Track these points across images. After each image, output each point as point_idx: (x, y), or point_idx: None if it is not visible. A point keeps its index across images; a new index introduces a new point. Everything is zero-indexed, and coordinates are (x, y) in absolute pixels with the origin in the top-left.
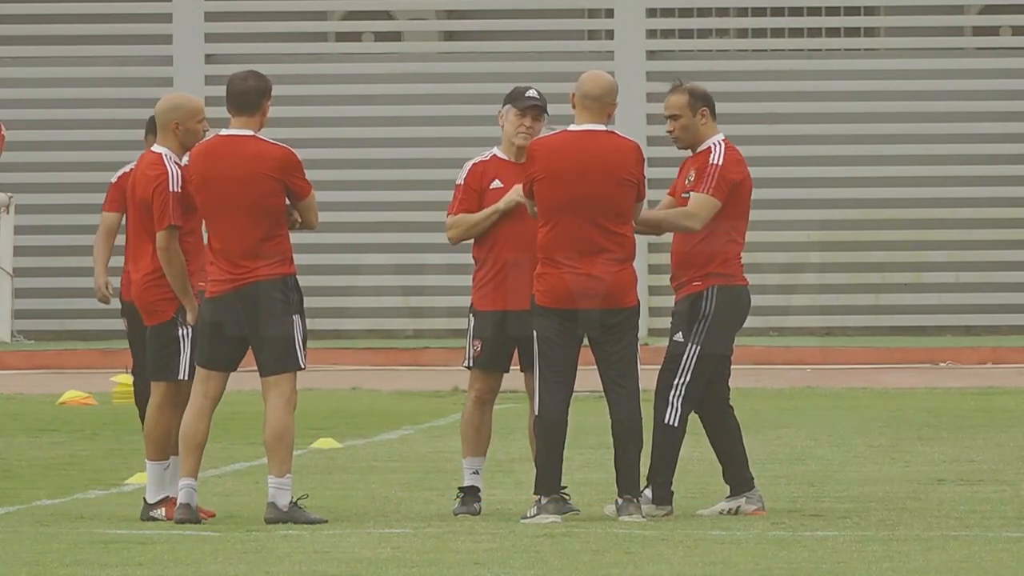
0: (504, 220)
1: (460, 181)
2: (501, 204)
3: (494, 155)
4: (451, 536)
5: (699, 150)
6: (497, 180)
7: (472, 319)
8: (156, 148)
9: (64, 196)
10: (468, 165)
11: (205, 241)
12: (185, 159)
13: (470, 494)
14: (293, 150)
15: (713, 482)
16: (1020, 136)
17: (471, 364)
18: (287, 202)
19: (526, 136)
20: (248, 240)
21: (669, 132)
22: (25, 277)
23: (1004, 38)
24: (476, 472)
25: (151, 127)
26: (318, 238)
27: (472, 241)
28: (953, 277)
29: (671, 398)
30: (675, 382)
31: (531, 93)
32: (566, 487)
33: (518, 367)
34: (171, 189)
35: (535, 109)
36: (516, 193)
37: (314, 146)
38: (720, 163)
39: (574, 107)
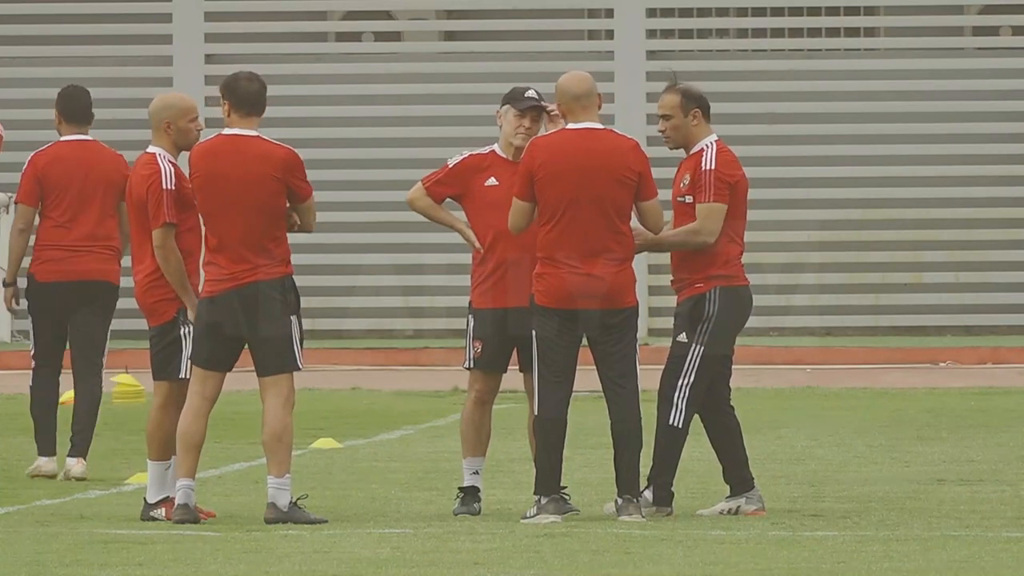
0: (500, 217)
1: (450, 163)
2: (472, 238)
3: (493, 151)
4: (451, 536)
5: (692, 152)
6: (493, 178)
7: (471, 319)
8: (150, 148)
9: None
10: (465, 153)
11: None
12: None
13: (470, 494)
14: (296, 151)
15: (713, 482)
16: (1020, 136)
17: (472, 365)
18: (287, 204)
19: (525, 137)
20: (249, 240)
21: (660, 131)
22: (25, 277)
23: (1004, 38)
24: (476, 472)
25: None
26: (318, 238)
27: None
28: (953, 277)
29: (675, 399)
30: (679, 383)
31: (530, 93)
32: (566, 487)
33: (517, 367)
34: (164, 187)
35: (535, 110)
36: (474, 240)
37: (314, 146)
38: (713, 167)
39: (564, 115)
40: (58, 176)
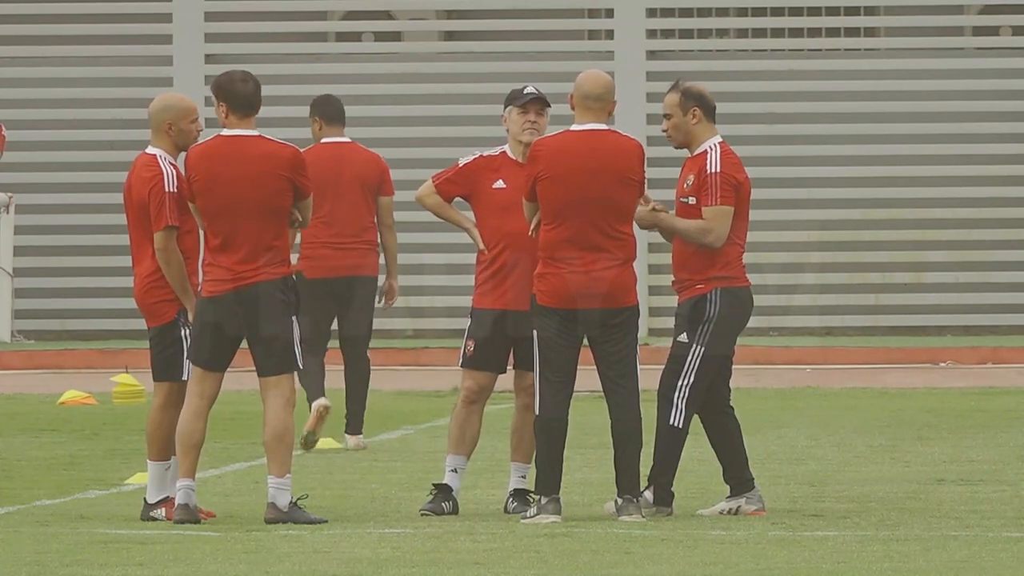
0: (505, 220)
1: (461, 162)
2: (478, 239)
3: (503, 152)
4: (451, 536)
5: (696, 152)
6: (501, 180)
7: (470, 319)
8: (151, 149)
9: (64, 196)
10: (476, 154)
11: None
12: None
13: (442, 492)
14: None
15: (713, 482)
16: (1020, 136)
17: (461, 363)
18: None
19: (532, 132)
20: (255, 240)
21: (663, 131)
22: (25, 277)
23: (1004, 38)
24: (454, 471)
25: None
26: None
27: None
28: (953, 277)
29: (675, 399)
30: (679, 383)
31: (529, 89)
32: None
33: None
34: (166, 189)
35: (537, 103)
36: (482, 242)
37: None
38: (718, 170)
39: (573, 108)
40: (319, 176)
